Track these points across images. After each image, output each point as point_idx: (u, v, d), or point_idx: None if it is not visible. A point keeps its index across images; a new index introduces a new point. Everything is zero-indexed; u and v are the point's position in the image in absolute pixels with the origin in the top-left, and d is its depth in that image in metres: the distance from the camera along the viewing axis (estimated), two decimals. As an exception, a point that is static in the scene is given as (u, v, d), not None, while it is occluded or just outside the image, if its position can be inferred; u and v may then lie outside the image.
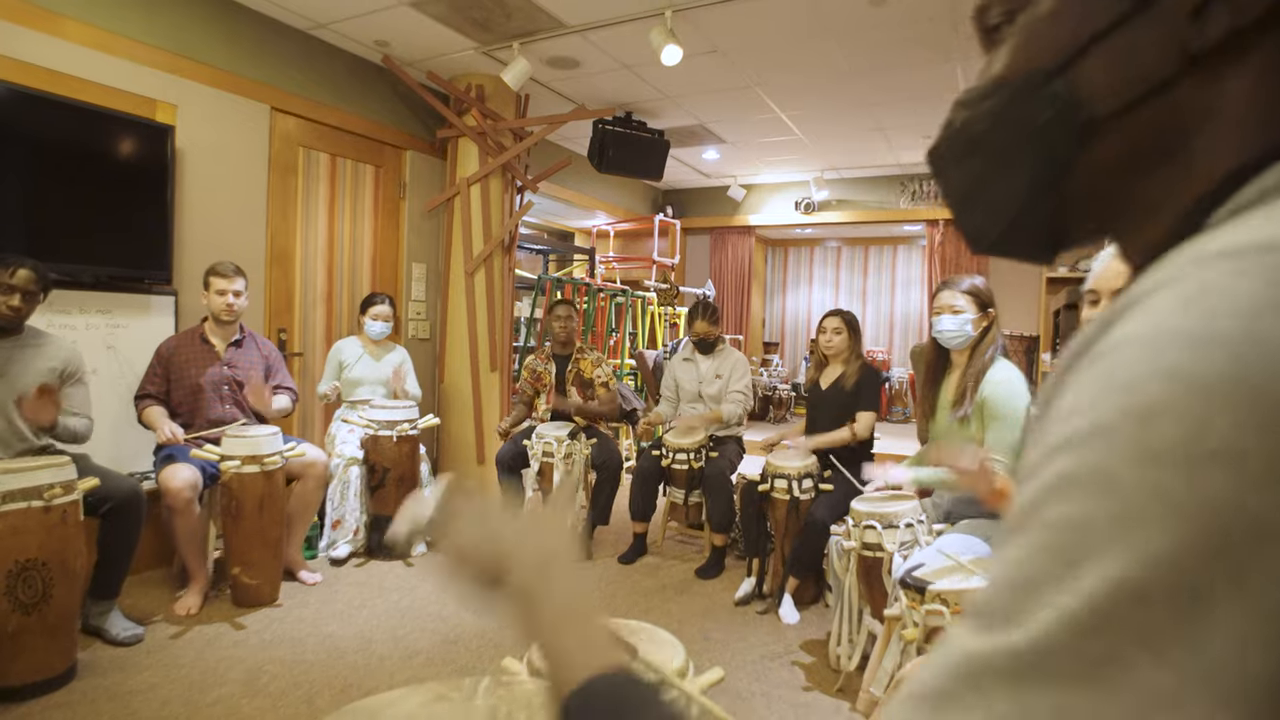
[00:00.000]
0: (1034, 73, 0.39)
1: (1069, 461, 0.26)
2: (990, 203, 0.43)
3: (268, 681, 2.38)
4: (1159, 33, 0.35)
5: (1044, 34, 0.39)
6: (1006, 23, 0.42)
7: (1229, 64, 0.34)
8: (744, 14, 3.75)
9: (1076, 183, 0.39)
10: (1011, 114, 0.40)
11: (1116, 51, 0.36)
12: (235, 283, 3.15)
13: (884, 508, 2.46)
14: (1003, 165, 0.41)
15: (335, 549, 3.50)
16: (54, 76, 3.05)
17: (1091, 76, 0.37)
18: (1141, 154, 0.37)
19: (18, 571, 2.18)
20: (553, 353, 4.10)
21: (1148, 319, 0.27)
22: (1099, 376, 0.27)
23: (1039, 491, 0.27)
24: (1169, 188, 0.36)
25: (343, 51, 4.34)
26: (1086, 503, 0.25)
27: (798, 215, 7.55)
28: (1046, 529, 0.26)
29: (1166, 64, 0.35)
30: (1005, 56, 0.41)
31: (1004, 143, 0.41)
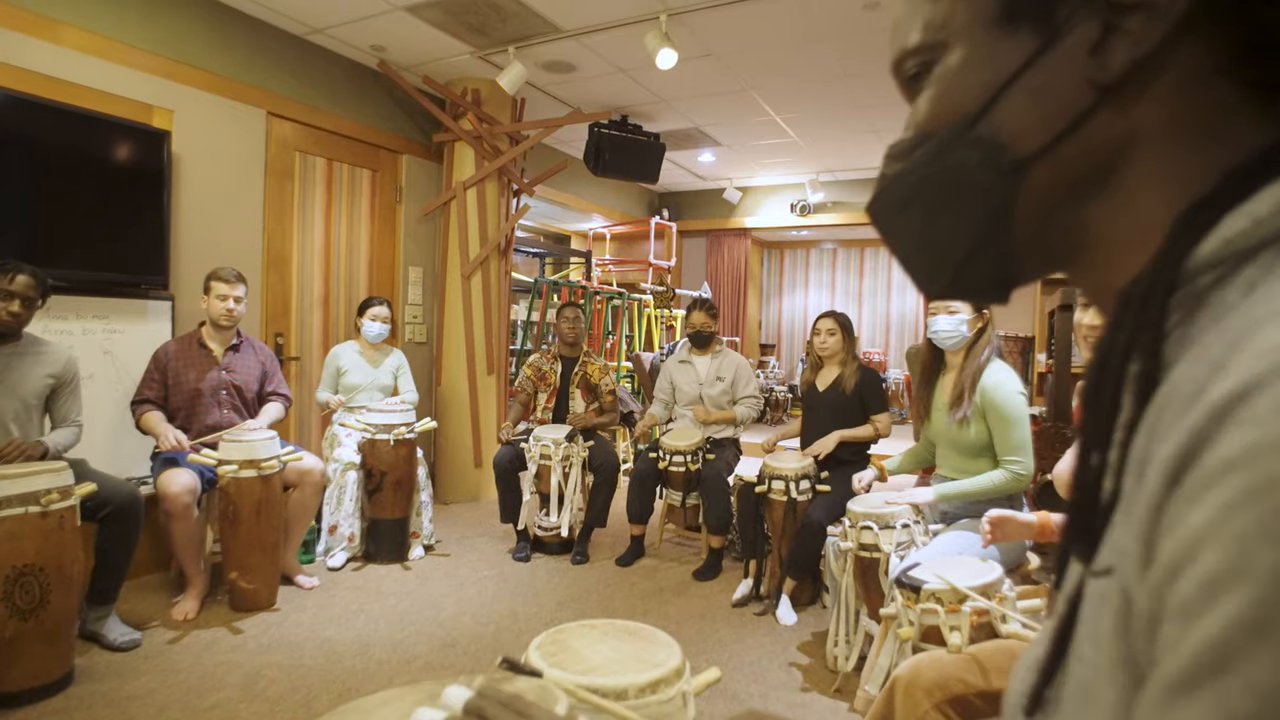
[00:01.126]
0: (957, 121, 0.40)
1: (1253, 601, 0.23)
2: (934, 251, 0.43)
3: (265, 686, 2.38)
4: (1066, 70, 0.36)
5: (959, 83, 0.40)
6: (923, 73, 0.43)
7: (1140, 92, 0.35)
8: (738, 18, 3.76)
9: (1016, 222, 0.40)
10: (941, 163, 0.41)
11: (1030, 92, 0.37)
12: (237, 289, 3.15)
13: (881, 508, 2.47)
14: (941, 213, 0.42)
15: (331, 557, 3.50)
16: (51, 82, 3.05)
17: (1011, 118, 0.38)
18: (1076, 187, 0.38)
19: (15, 577, 2.18)
20: (558, 353, 4.10)
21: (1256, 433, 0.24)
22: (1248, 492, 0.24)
23: (1221, 641, 0.24)
24: (1112, 217, 0.37)
25: (339, 56, 4.35)
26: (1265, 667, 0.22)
27: (793, 217, 7.57)
28: (1251, 695, 0.23)
29: (1080, 99, 0.36)
30: (926, 107, 0.42)
31: (938, 191, 0.42)
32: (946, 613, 1.74)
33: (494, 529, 4.15)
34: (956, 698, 1.31)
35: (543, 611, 3.08)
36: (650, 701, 1.13)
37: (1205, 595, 0.24)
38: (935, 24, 0.41)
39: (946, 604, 1.76)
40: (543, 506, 3.82)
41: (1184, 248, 0.32)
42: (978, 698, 1.31)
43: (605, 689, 1.10)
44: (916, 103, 0.43)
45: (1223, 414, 0.26)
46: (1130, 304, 0.34)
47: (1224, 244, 0.31)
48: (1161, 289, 0.33)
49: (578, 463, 3.74)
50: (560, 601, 3.22)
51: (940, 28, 0.41)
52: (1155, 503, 0.28)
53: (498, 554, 3.82)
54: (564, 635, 1.26)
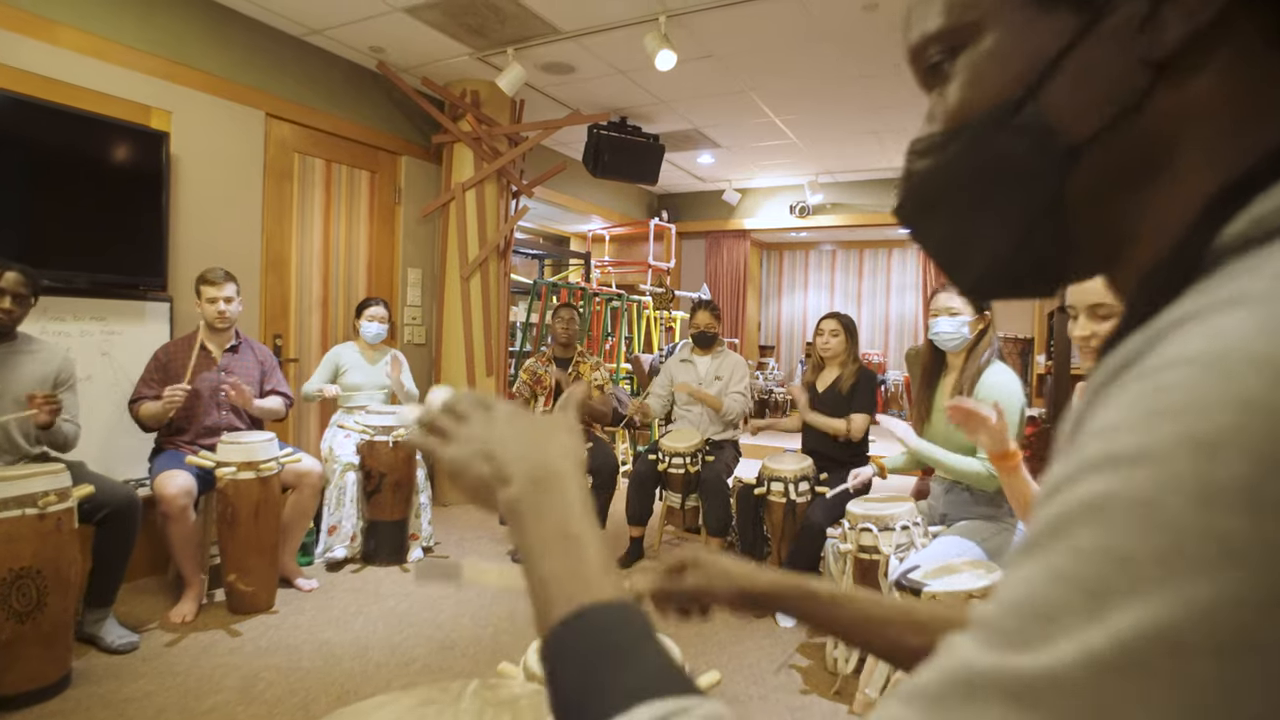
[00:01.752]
0: (999, 106, 0.37)
1: (1109, 483, 0.24)
2: (978, 248, 0.41)
3: (264, 689, 2.37)
4: (1115, 48, 0.34)
5: (995, 68, 0.37)
6: (947, 60, 0.40)
7: (1197, 67, 0.33)
8: (738, 19, 3.76)
9: (1067, 214, 0.37)
10: (983, 153, 0.38)
11: (1077, 74, 0.35)
12: (225, 289, 3.14)
13: (880, 510, 2.47)
14: (985, 207, 0.39)
15: (332, 550, 3.49)
16: (49, 83, 3.04)
17: (1060, 102, 0.36)
18: (1129, 172, 0.35)
19: (12, 580, 2.17)
20: (553, 355, 4.11)
21: (1215, 339, 0.24)
22: (1148, 394, 0.24)
23: (1069, 509, 0.25)
24: (1166, 203, 0.35)
25: (338, 58, 4.35)
26: (1127, 534, 0.23)
27: (793, 219, 7.57)
28: (1076, 555, 0.24)
29: (1134, 77, 0.34)
30: (956, 96, 0.39)
31: (981, 183, 0.39)
32: (947, 615, 1.73)
33: (493, 531, 4.14)
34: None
35: (542, 614, 3.07)
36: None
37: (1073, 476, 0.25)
38: (961, 5, 0.38)
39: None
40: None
41: (1211, 228, 0.31)
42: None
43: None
44: (943, 93, 0.40)
45: (1160, 334, 0.27)
46: (1144, 283, 0.33)
47: (1253, 223, 0.29)
48: (1177, 266, 0.31)
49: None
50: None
51: (967, 8, 0.38)
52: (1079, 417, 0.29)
53: (497, 556, 3.81)
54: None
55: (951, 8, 0.39)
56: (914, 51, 0.42)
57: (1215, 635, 0.21)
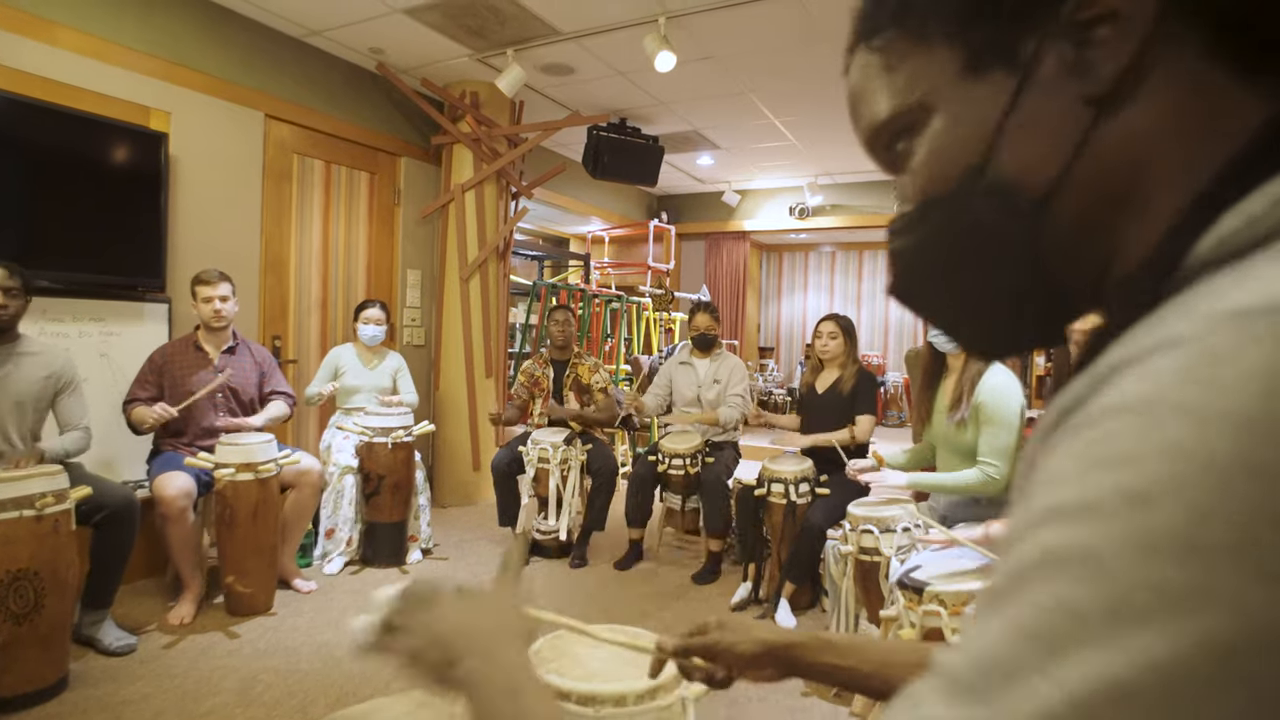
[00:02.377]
0: (961, 176, 0.38)
1: (1057, 536, 0.24)
2: (979, 314, 0.42)
3: (262, 691, 2.37)
4: (1055, 95, 0.35)
5: (950, 141, 0.39)
6: (903, 142, 0.41)
7: (1135, 95, 0.34)
8: (737, 21, 3.76)
9: (1050, 262, 0.38)
10: (958, 223, 0.39)
11: (1026, 127, 0.36)
12: (220, 288, 3.13)
13: (881, 512, 2.46)
14: (973, 274, 0.40)
15: (328, 563, 3.48)
16: (48, 84, 3.04)
17: (1016, 157, 0.37)
18: (1102, 209, 0.36)
19: (9, 581, 2.16)
20: (550, 357, 4.09)
21: (1146, 385, 0.24)
22: (1089, 445, 0.25)
23: (1025, 561, 0.25)
24: (1140, 229, 0.35)
25: (337, 59, 4.35)
26: (1076, 588, 0.23)
27: (792, 220, 7.57)
28: (1034, 609, 0.24)
29: (1078, 118, 0.35)
30: (922, 174, 0.41)
31: (963, 252, 0.40)
32: (950, 615, 1.73)
33: (492, 532, 4.14)
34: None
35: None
36: (650, 708, 1.12)
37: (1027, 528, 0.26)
38: (902, 91, 0.40)
39: (950, 606, 1.74)
40: (541, 510, 3.80)
41: (1174, 250, 0.31)
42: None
43: (604, 695, 1.09)
44: (908, 172, 0.42)
45: (1105, 376, 0.27)
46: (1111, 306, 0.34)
47: (1219, 243, 0.29)
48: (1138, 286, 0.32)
49: (576, 466, 3.73)
50: (559, 606, 3.19)
51: (908, 93, 0.40)
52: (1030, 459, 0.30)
53: (496, 557, 3.81)
54: (563, 641, 1.25)
55: (895, 93, 0.40)
56: (869, 141, 0.44)
57: (1162, 684, 0.21)
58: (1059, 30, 0.35)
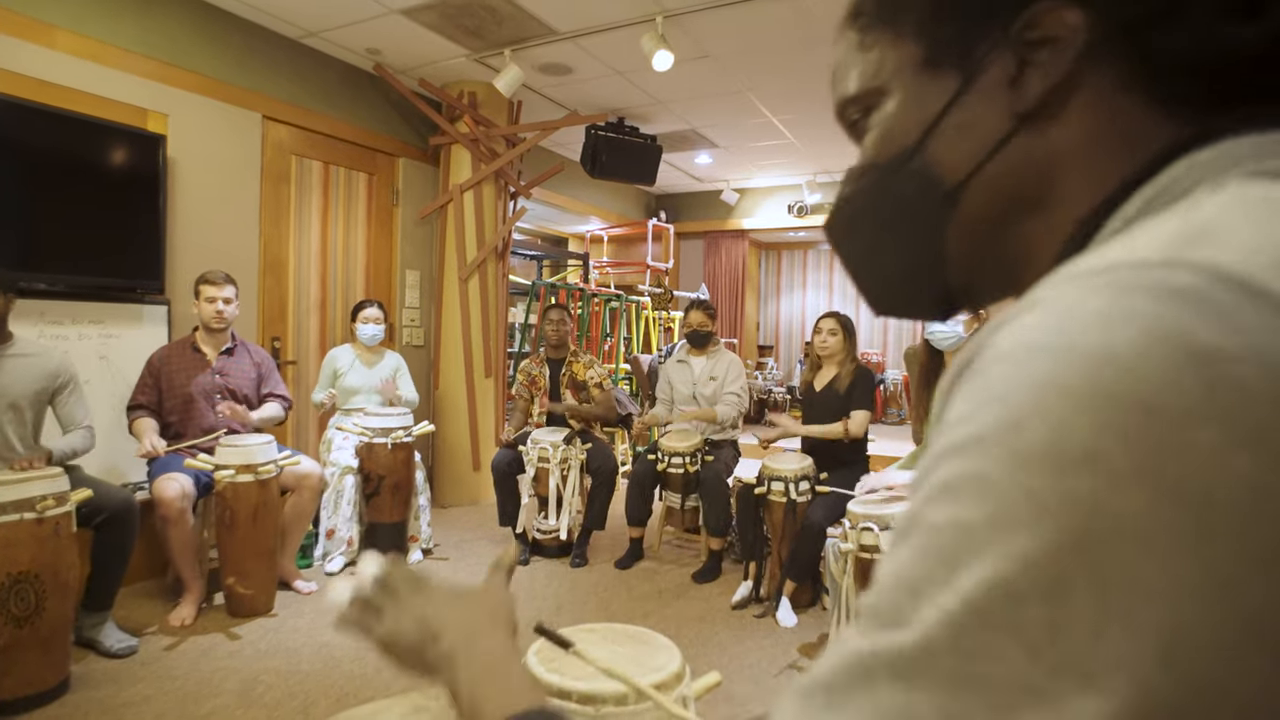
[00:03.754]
0: (895, 156, 0.44)
1: (951, 468, 0.27)
2: (879, 271, 0.48)
3: (263, 692, 2.37)
4: (989, 103, 0.40)
5: (896, 124, 0.44)
6: (863, 118, 0.46)
7: (1057, 115, 0.38)
8: (734, 19, 3.76)
9: (953, 246, 0.43)
10: (883, 191, 0.45)
11: (958, 126, 0.41)
12: (225, 290, 3.14)
13: (881, 510, 2.46)
14: (883, 237, 0.46)
15: (329, 561, 3.48)
16: (45, 87, 3.04)
17: (942, 152, 0.42)
18: (1009, 208, 0.41)
19: (10, 584, 2.16)
20: (546, 356, 4.10)
21: (1017, 336, 0.28)
22: (977, 390, 0.28)
23: (925, 497, 0.28)
24: (1039, 237, 0.40)
25: (334, 59, 4.34)
26: (965, 506, 0.26)
27: (791, 219, 7.57)
28: (930, 532, 0.27)
29: (1000, 127, 0.39)
30: (870, 147, 0.46)
31: (880, 217, 0.46)
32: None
33: (492, 532, 4.14)
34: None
35: (541, 615, 3.07)
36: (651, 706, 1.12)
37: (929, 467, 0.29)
38: (869, 73, 0.45)
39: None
40: (541, 509, 3.80)
41: (1073, 250, 0.35)
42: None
43: (604, 694, 1.09)
44: (863, 143, 0.47)
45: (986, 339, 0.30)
46: None
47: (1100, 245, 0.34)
48: None
49: (576, 465, 3.73)
50: (559, 605, 3.20)
51: (873, 76, 0.44)
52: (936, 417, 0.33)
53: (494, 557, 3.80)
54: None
55: (862, 75, 0.45)
56: (837, 111, 0.49)
57: (1040, 581, 0.24)
58: (1007, 43, 0.38)
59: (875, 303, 0.49)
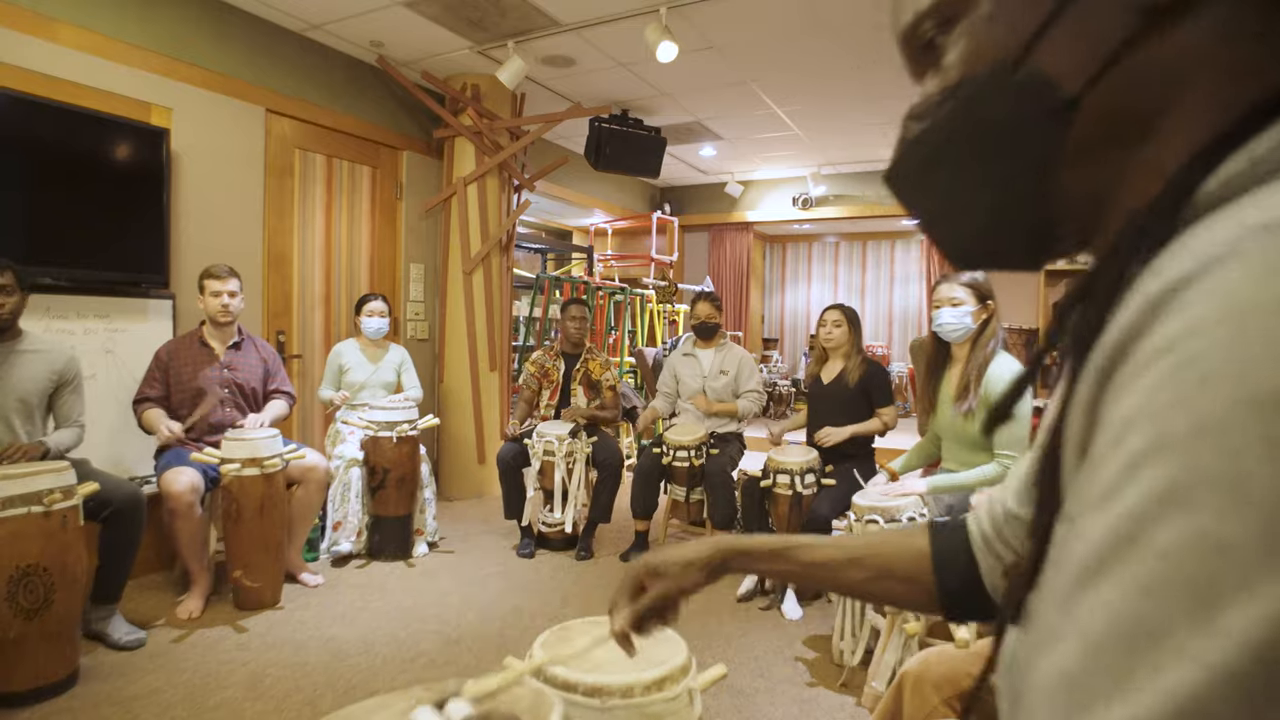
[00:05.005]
0: (998, 64, 0.37)
1: (1172, 469, 0.21)
2: (969, 213, 0.40)
3: (270, 684, 2.38)
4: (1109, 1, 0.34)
5: (993, 31, 0.37)
6: (942, 33, 0.40)
7: (1191, 15, 0.32)
8: (739, 10, 3.74)
9: (1060, 172, 0.36)
10: (979, 112, 0.38)
11: (1073, 27, 0.35)
12: (229, 284, 3.15)
13: (886, 502, 2.46)
14: (979, 167, 0.38)
15: (338, 545, 3.50)
16: (49, 81, 3.04)
17: (1055, 56, 0.35)
18: (1124, 124, 0.35)
19: (19, 577, 2.18)
20: (561, 350, 4.08)
21: (1219, 299, 0.23)
22: (1173, 371, 0.23)
23: (1135, 511, 0.22)
24: (1154, 159, 0.34)
25: (337, 52, 4.33)
26: (1217, 518, 0.20)
27: (795, 211, 7.54)
28: (1163, 558, 0.21)
29: (1125, 25, 0.33)
30: (956, 61, 0.39)
31: (977, 143, 0.38)
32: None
33: (498, 525, 4.15)
34: (966, 693, 1.30)
35: (547, 608, 3.08)
36: (656, 699, 1.12)
37: (1123, 476, 0.23)
38: None
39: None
40: (547, 503, 3.81)
41: (1190, 184, 0.30)
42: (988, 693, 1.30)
43: (610, 687, 1.09)
44: (937, 70, 0.40)
45: (1156, 307, 0.25)
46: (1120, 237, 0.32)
47: (1222, 185, 0.29)
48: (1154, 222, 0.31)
49: (581, 459, 3.73)
50: (565, 598, 3.21)
51: None
52: (1088, 405, 0.28)
53: (502, 550, 3.82)
54: (568, 632, 1.25)
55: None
56: (907, 32, 0.42)
57: None
58: None
59: (962, 252, 0.42)
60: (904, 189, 0.43)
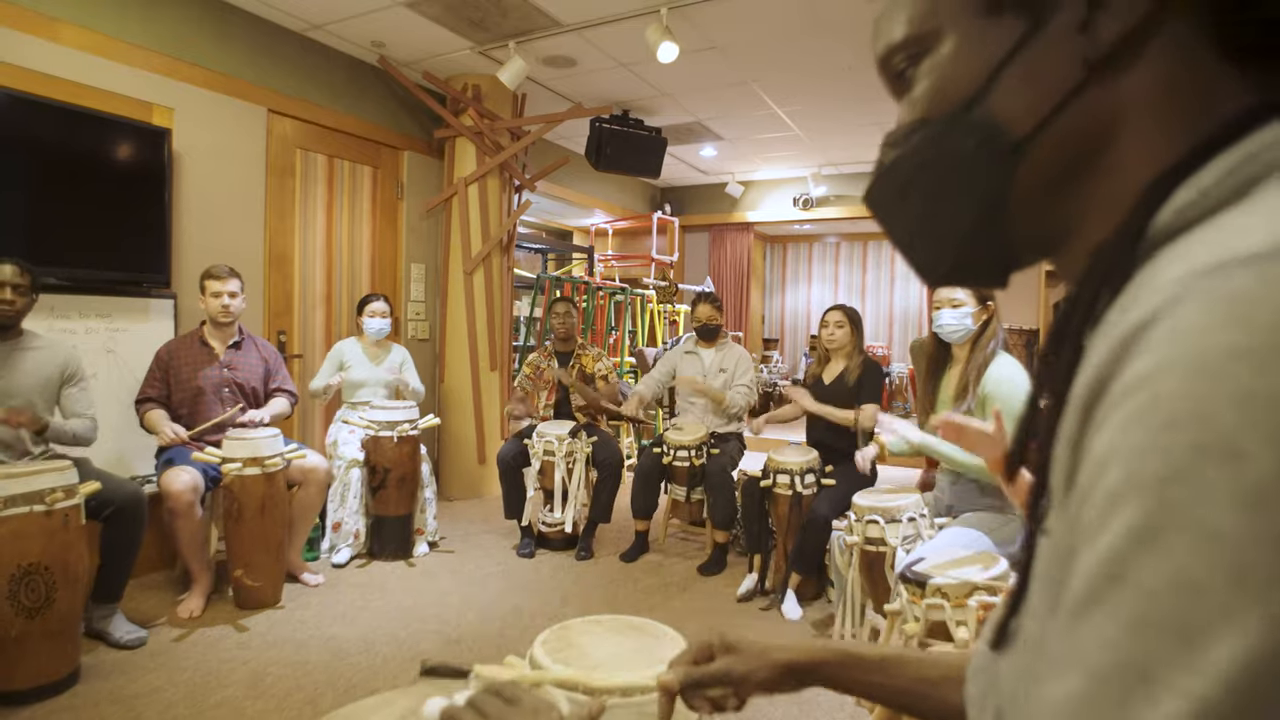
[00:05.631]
0: (954, 105, 0.40)
1: (1146, 509, 0.23)
2: (933, 236, 0.43)
3: (271, 683, 2.38)
4: (1057, 50, 0.36)
5: (952, 73, 0.40)
6: (911, 67, 0.43)
7: (1129, 64, 0.35)
8: (739, 10, 3.74)
9: (1014, 204, 0.39)
10: (939, 148, 0.41)
11: (1023, 74, 0.37)
12: (230, 284, 3.15)
13: (886, 502, 2.46)
14: (940, 197, 0.42)
15: (336, 554, 3.50)
16: (51, 81, 3.04)
17: (1006, 101, 0.38)
18: (1070, 165, 0.38)
19: (20, 576, 2.18)
20: (554, 350, 4.11)
21: (1181, 341, 0.24)
22: (1141, 412, 0.24)
23: (1118, 547, 0.23)
24: (1108, 194, 0.37)
25: (339, 53, 4.34)
26: (1189, 560, 0.21)
27: (796, 211, 7.54)
28: (1149, 597, 0.22)
29: (1070, 76, 0.36)
30: (921, 98, 0.42)
31: (937, 175, 0.42)
32: (953, 608, 1.73)
33: (498, 525, 4.15)
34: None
35: (547, 607, 3.08)
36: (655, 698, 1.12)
37: (1105, 511, 0.25)
38: (920, 17, 0.41)
39: (953, 599, 1.75)
40: (547, 502, 3.81)
41: (1143, 219, 0.32)
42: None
43: (611, 687, 1.09)
44: (911, 94, 0.43)
45: (1125, 345, 0.27)
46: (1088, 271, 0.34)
47: (1174, 215, 0.31)
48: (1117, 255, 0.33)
49: (581, 458, 3.74)
50: (565, 597, 3.21)
51: (926, 19, 0.41)
52: (1073, 439, 0.29)
53: (502, 550, 3.82)
54: (569, 631, 1.25)
55: (913, 19, 0.42)
56: (881, 61, 0.45)
57: None
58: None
59: (931, 271, 0.45)
60: (878, 210, 0.47)
